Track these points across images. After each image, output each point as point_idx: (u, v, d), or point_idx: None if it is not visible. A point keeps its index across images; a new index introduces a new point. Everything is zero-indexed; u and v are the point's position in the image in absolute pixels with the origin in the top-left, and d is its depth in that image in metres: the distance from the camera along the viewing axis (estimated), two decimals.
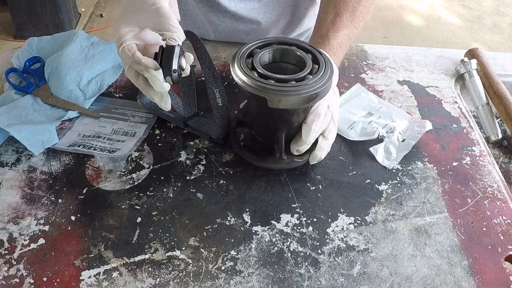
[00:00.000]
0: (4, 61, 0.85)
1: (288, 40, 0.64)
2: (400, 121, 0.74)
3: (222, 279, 0.55)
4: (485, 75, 0.85)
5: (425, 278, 0.56)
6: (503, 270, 0.57)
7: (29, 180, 0.65)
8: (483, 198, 0.66)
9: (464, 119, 0.78)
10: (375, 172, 0.68)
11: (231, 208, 0.63)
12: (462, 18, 3.30)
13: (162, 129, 0.73)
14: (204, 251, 0.58)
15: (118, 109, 0.76)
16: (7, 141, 0.70)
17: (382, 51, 0.92)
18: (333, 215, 0.62)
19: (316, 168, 0.68)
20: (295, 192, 0.65)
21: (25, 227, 0.59)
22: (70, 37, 0.84)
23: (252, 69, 0.59)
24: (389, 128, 0.72)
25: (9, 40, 2.66)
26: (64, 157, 0.68)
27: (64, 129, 0.72)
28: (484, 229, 0.62)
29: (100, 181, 0.65)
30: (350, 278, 0.56)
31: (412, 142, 0.71)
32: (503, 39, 3.10)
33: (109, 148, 0.69)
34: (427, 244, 0.60)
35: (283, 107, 0.57)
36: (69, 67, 0.77)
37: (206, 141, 0.72)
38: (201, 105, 0.78)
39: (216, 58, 0.88)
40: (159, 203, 0.63)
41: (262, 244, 0.59)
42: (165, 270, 0.56)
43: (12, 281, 0.54)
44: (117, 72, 0.82)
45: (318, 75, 0.58)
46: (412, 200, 0.65)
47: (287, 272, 0.56)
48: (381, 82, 0.85)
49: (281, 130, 0.63)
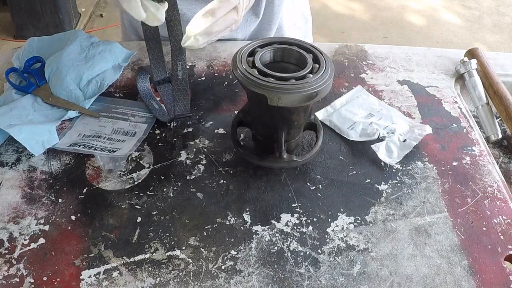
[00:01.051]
0: (4, 61, 0.85)
1: (289, 40, 0.65)
2: (401, 124, 0.74)
3: (222, 279, 0.55)
4: (485, 75, 0.85)
5: (425, 277, 0.56)
6: (503, 270, 0.57)
7: (29, 180, 0.65)
8: (483, 198, 0.66)
9: (464, 119, 0.78)
10: (375, 172, 0.68)
11: (231, 207, 0.63)
12: (462, 18, 3.30)
13: (162, 129, 0.73)
14: (204, 250, 0.58)
15: (118, 109, 0.76)
16: (7, 141, 0.70)
17: (382, 51, 0.93)
18: (333, 215, 0.62)
19: (316, 168, 0.68)
20: (295, 191, 0.65)
21: (25, 226, 0.59)
22: (70, 37, 0.84)
23: (253, 67, 0.59)
24: (389, 129, 0.72)
25: (9, 40, 2.66)
26: (64, 157, 0.68)
27: (64, 129, 0.72)
28: (484, 229, 0.62)
29: (100, 181, 0.65)
30: (350, 277, 0.56)
31: (413, 142, 0.71)
32: (503, 39, 3.10)
33: (109, 148, 0.69)
34: (427, 243, 0.60)
35: (283, 105, 0.57)
36: (69, 67, 0.78)
37: (206, 141, 0.72)
38: (201, 104, 0.78)
39: (216, 58, 0.88)
40: (159, 203, 0.63)
41: (262, 244, 0.59)
42: (165, 269, 0.56)
43: (12, 281, 0.54)
44: (117, 72, 0.82)
45: (318, 74, 0.58)
46: (412, 199, 0.65)
47: (287, 272, 0.56)
48: (381, 82, 0.85)
49: (281, 129, 0.63)
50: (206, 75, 0.84)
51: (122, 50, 0.85)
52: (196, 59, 0.87)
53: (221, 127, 0.74)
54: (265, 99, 0.57)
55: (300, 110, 0.62)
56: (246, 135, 0.73)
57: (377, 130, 0.72)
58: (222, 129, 0.74)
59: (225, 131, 0.73)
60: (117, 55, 0.84)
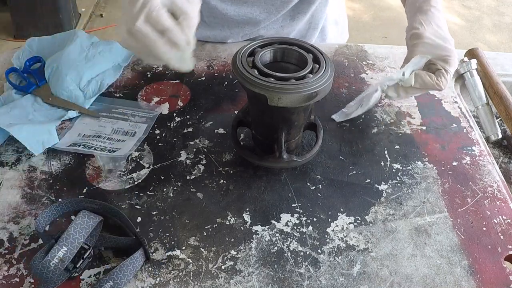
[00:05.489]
0: (4, 61, 0.85)
1: (289, 40, 0.65)
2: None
3: (222, 279, 0.55)
4: (485, 75, 0.85)
5: (425, 277, 0.56)
6: (503, 270, 0.57)
7: (29, 180, 0.65)
8: (483, 198, 0.66)
9: (464, 119, 0.78)
10: (375, 172, 0.68)
11: (231, 207, 0.63)
12: (462, 18, 3.30)
13: (162, 129, 0.73)
14: (204, 250, 0.58)
15: (118, 109, 0.76)
16: (7, 141, 0.70)
17: (382, 51, 0.92)
18: (333, 215, 0.62)
19: (316, 168, 0.68)
20: (295, 191, 0.65)
21: (25, 226, 0.59)
22: (71, 37, 0.84)
23: (253, 67, 0.59)
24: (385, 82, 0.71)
25: (9, 40, 2.66)
26: (64, 157, 0.68)
27: (64, 129, 0.72)
28: (484, 229, 0.62)
29: (100, 181, 0.65)
30: (350, 277, 0.56)
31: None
32: (503, 39, 3.10)
33: (109, 147, 0.69)
34: (427, 243, 0.60)
35: (283, 105, 0.57)
36: (69, 67, 0.78)
37: (206, 141, 0.72)
38: (201, 104, 0.78)
39: (216, 58, 0.88)
40: (159, 203, 0.63)
41: (262, 244, 0.59)
42: (165, 269, 0.56)
43: (12, 281, 0.54)
44: (117, 72, 0.82)
45: (318, 74, 0.58)
46: (412, 199, 0.65)
47: (287, 272, 0.56)
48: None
49: (281, 129, 0.63)
50: (206, 75, 0.84)
51: (122, 50, 0.85)
52: (196, 59, 0.87)
53: (221, 127, 0.74)
54: (265, 99, 0.57)
55: (300, 110, 0.62)
56: (246, 135, 0.73)
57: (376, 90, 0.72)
58: (222, 129, 0.74)
59: (225, 131, 0.73)
60: (117, 55, 0.84)
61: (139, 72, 0.84)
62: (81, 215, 0.54)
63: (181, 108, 0.77)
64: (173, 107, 0.77)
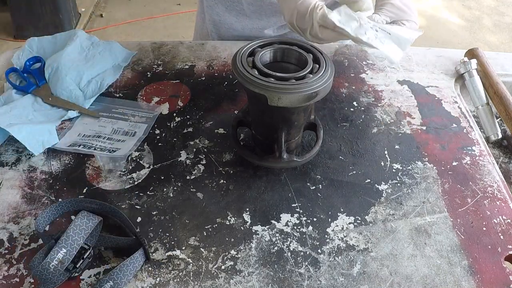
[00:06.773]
0: (4, 61, 0.85)
1: (289, 40, 0.65)
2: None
3: (222, 279, 0.55)
4: (485, 75, 0.85)
5: (425, 277, 0.56)
6: (503, 270, 0.57)
7: (29, 180, 0.65)
8: (483, 198, 0.66)
9: (464, 119, 0.78)
10: (375, 172, 0.68)
11: (231, 207, 0.63)
12: (462, 18, 3.30)
13: (162, 129, 0.73)
14: (204, 250, 0.58)
15: (118, 109, 0.76)
16: (7, 141, 0.70)
17: None
18: (333, 215, 0.62)
19: (316, 168, 0.68)
20: (295, 191, 0.65)
21: (25, 226, 0.59)
22: (71, 37, 0.84)
23: (253, 67, 0.59)
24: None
25: (9, 40, 2.66)
26: (64, 157, 0.68)
27: (64, 129, 0.72)
28: (484, 229, 0.62)
29: (100, 181, 0.65)
30: (350, 277, 0.56)
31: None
32: (503, 39, 3.10)
33: (109, 147, 0.69)
34: (427, 243, 0.60)
35: (283, 105, 0.57)
36: (69, 67, 0.78)
37: (206, 141, 0.72)
38: (201, 104, 0.78)
39: (216, 58, 0.88)
40: (159, 203, 0.63)
41: (262, 244, 0.59)
42: (165, 269, 0.56)
43: (12, 281, 0.54)
44: (117, 72, 0.82)
45: (318, 74, 0.58)
46: (412, 199, 0.65)
47: (287, 272, 0.56)
48: (381, 82, 0.85)
49: (281, 129, 0.63)
50: (206, 75, 0.84)
51: (122, 50, 0.85)
52: (196, 59, 0.88)
53: (221, 127, 0.74)
54: (265, 99, 0.57)
55: (300, 110, 0.62)
56: (246, 135, 0.73)
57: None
58: (222, 129, 0.74)
59: (225, 131, 0.73)
60: (117, 55, 0.84)
61: (139, 72, 0.84)
62: (80, 216, 0.54)
63: (181, 108, 0.77)
64: (173, 107, 0.77)
